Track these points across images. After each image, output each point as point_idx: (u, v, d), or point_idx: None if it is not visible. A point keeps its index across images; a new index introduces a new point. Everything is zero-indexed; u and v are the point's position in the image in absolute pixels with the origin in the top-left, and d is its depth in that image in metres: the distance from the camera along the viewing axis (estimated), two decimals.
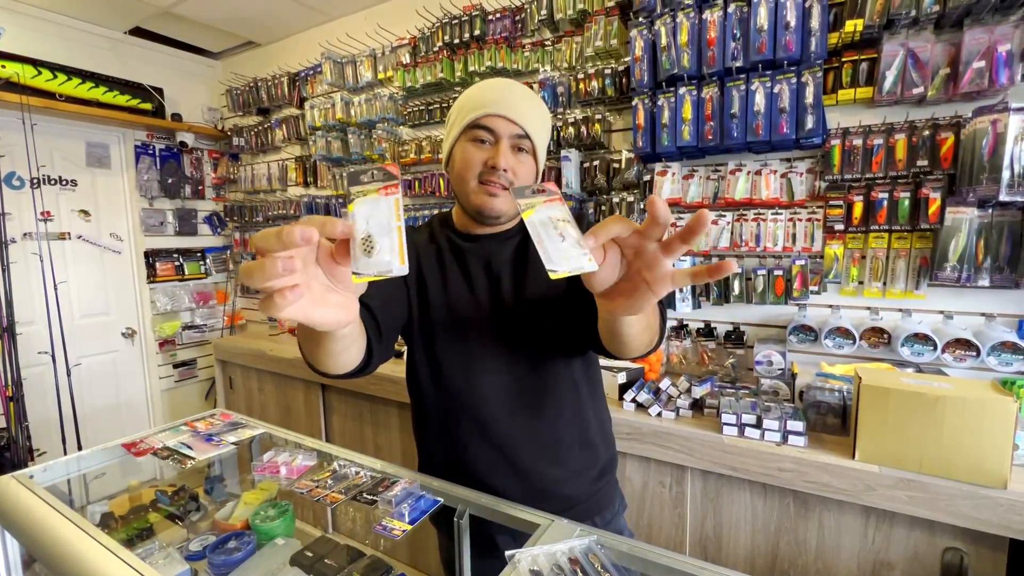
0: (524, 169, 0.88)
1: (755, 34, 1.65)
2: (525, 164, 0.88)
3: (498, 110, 0.84)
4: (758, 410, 1.50)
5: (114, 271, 3.26)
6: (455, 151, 0.90)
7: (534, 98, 0.90)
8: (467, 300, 0.94)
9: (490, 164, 0.85)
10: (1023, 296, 1.51)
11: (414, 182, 2.65)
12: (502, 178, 0.85)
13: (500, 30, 2.29)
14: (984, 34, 1.42)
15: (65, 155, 3.02)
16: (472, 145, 0.87)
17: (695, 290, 1.91)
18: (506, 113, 0.84)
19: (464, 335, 0.94)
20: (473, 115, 0.85)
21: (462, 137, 0.88)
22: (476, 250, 0.96)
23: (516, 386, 0.94)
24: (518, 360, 0.94)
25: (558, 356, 0.95)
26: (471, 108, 0.86)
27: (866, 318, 1.71)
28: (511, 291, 0.94)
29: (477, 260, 0.96)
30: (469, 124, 0.86)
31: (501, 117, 0.84)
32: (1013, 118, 1.34)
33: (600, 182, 2.07)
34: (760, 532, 1.51)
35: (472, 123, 0.86)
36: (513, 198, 0.56)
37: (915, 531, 1.30)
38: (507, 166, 0.84)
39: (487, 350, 0.93)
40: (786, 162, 1.78)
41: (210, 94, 3.69)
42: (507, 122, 0.84)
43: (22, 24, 2.75)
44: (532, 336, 0.93)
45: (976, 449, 1.18)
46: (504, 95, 0.86)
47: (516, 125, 0.85)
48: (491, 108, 0.84)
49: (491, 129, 0.85)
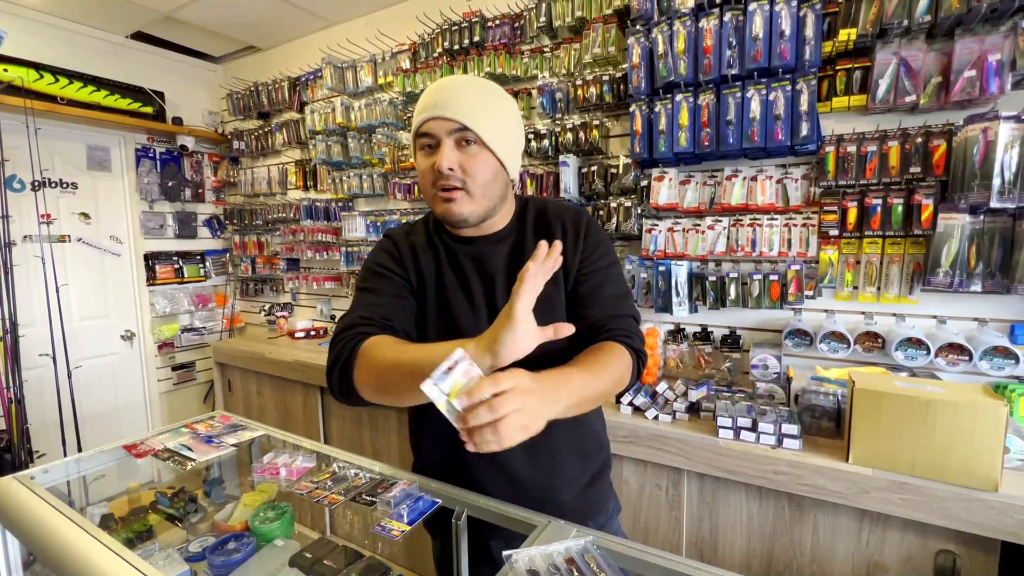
0: (475, 162, 0.85)
1: (751, 42, 1.67)
2: (476, 157, 0.85)
3: (434, 112, 0.83)
4: (754, 413, 1.52)
5: (113, 274, 3.27)
6: (416, 165, 0.90)
7: (479, 88, 0.87)
8: (462, 304, 0.94)
9: (436, 168, 0.84)
10: (1015, 301, 1.53)
11: (413, 186, 2.67)
12: (452, 179, 0.84)
13: (499, 36, 2.31)
14: (975, 44, 1.44)
15: (66, 158, 3.03)
16: (421, 155, 0.87)
17: (692, 295, 1.93)
18: (441, 113, 0.82)
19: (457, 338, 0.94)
20: (416, 124, 0.86)
21: (416, 150, 0.89)
22: (470, 252, 0.95)
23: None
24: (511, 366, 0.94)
25: (554, 362, 0.96)
26: (416, 118, 0.87)
27: (860, 322, 1.72)
28: (506, 295, 0.94)
29: (471, 263, 0.95)
30: (415, 134, 0.87)
31: (437, 119, 0.83)
32: (1003, 126, 1.36)
33: (598, 187, 2.09)
34: (756, 535, 1.52)
35: (417, 132, 0.86)
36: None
37: (908, 534, 1.32)
38: (451, 165, 0.83)
39: None
40: (781, 168, 1.80)
41: (211, 98, 3.71)
42: (443, 121, 0.83)
43: (25, 28, 2.77)
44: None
45: (967, 452, 1.19)
46: (441, 96, 0.84)
47: (452, 121, 0.82)
48: (428, 112, 0.84)
49: (430, 133, 0.84)
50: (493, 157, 0.87)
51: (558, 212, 0.98)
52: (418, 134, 0.86)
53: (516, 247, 0.95)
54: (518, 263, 0.94)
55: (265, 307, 3.47)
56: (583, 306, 0.93)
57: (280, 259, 3.38)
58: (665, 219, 2.00)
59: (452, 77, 0.89)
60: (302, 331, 3.12)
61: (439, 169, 0.83)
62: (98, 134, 3.16)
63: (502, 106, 0.89)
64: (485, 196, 0.88)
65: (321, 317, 3.30)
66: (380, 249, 0.99)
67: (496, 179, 0.88)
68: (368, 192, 2.88)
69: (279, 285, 3.54)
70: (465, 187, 0.85)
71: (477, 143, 0.84)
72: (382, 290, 0.92)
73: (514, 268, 0.94)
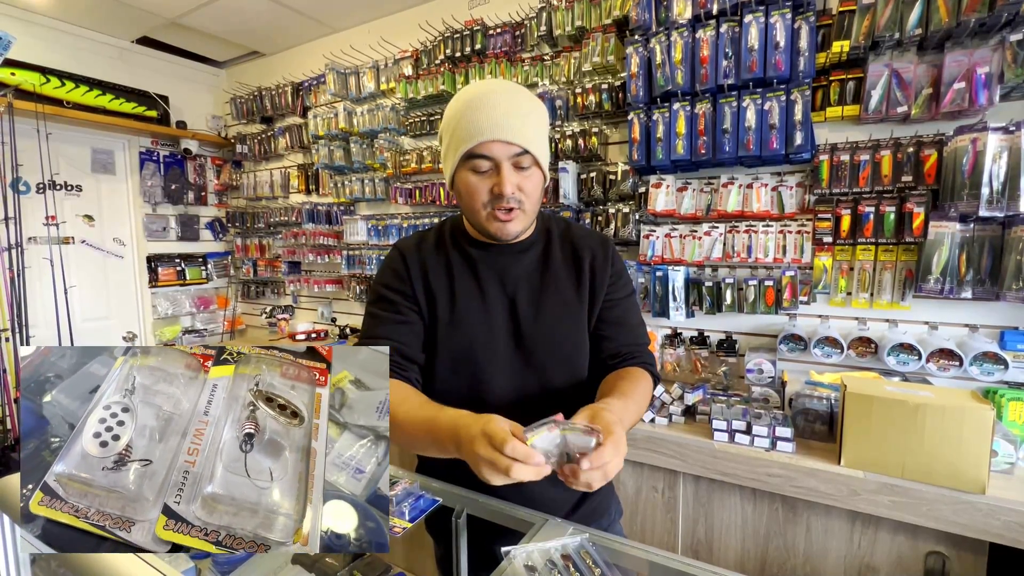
0: (530, 184, 0.86)
1: (746, 53, 1.71)
2: (531, 179, 0.86)
3: (493, 135, 0.81)
4: (748, 417, 1.55)
5: (116, 276, 3.30)
6: (457, 180, 0.88)
7: (524, 102, 0.86)
8: (477, 313, 0.93)
9: (496, 192, 0.84)
10: (1005, 308, 1.56)
11: (415, 191, 2.70)
12: (511, 201, 0.85)
13: (500, 45, 2.35)
14: (964, 57, 1.48)
15: (71, 161, 3.07)
16: (474, 176, 0.85)
17: (688, 300, 1.96)
18: (501, 136, 0.81)
19: (471, 350, 0.92)
20: (469, 145, 0.83)
21: (462, 166, 0.86)
22: (489, 261, 0.95)
23: (522, 405, 0.93)
24: (527, 379, 0.93)
25: (571, 378, 0.96)
26: (466, 136, 0.83)
27: (854, 328, 1.76)
28: (528, 310, 0.93)
29: (491, 273, 0.94)
30: (467, 154, 0.84)
31: (497, 142, 0.82)
32: (991, 137, 1.39)
33: (597, 193, 2.13)
34: (750, 536, 1.54)
35: (470, 153, 0.84)
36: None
37: (899, 535, 1.34)
38: (512, 190, 0.84)
39: (496, 367, 0.92)
40: (777, 176, 1.84)
41: (215, 102, 3.74)
42: (504, 145, 0.82)
43: (32, 33, 2.81)
44: (546, 361, 0.93)
45: (955, 455, 1.22)
46: (497, 117, 0.82)
47: (513, 145, 0.82)
48: (486, 135, 0.82)
49: (489, 156, 0.83)
50: (542, 173, 0.89)
51: (583, 236, 1.00)
52: (471, 155, 0.84)
53: (542, 259, 0.97)
54: (544, 273, 0.95)
55: (266, 309, 3.49)
56: (609, 331, 0.97)
57: (281, 262, 3.41)
58: (662, 225, 2.03)
59: (493, 89, 0.86)
60: (303, 333, 3.15)
61: (501, 193, 0.83)
62: (103, 137, 3.20)
63: (543, 117, 0.90)
64: (534, 210, 0.91)
65: (322, 320, 3.33)
66: (387, 267, 0.98)
67: (542, 192, 0.92)
68: (370, 196, 2.92)
69: (280, 288, 3.57)
70: (521, 207, 0.87)
71: (532, 164, 0.86)
72: (387, 317, 0.93)
73: (536, 282, 0.95)
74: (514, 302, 0.94)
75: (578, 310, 0.95)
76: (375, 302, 0.96)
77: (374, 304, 0.96)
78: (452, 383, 0.94)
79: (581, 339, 0.96)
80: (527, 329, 0.93)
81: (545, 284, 0.95)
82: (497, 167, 0.84)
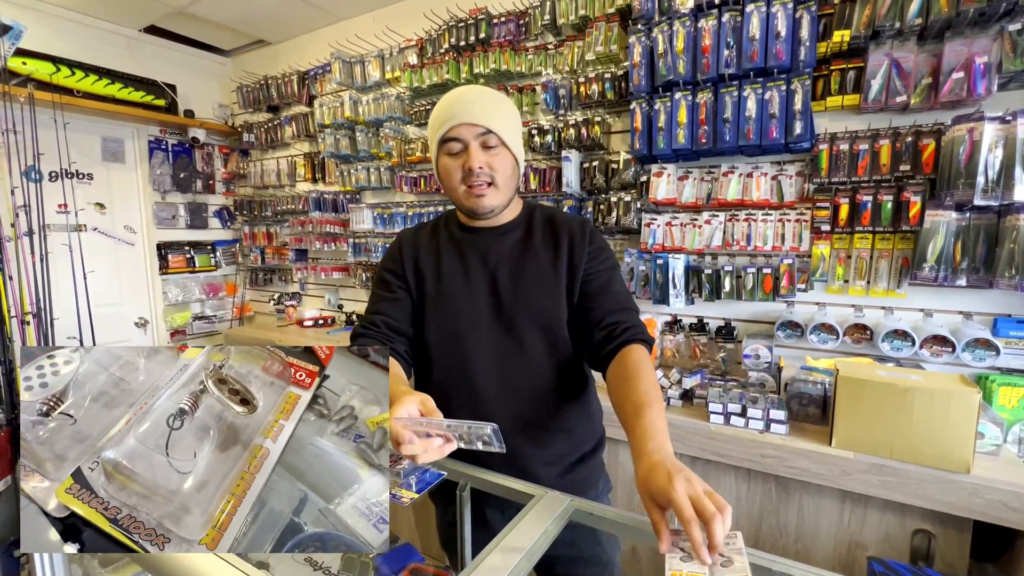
0: (498, 161, 0.97)
1: (747, 43, 1.72)
2: (498, 157, 0.97)
3: (461, 119, 0.94)
4: (744, 401, 1.59)
5: (128, 262, 3.36)
6: (439, 166, 1.01)
7: (494, 96, 0.99)
8: (461, 288, 1.03)
9: (467, 168, 0.95)
10: (998, 296, 1.59)
11: (419, 179, 2.74)
12: (482, 176, 0.95)
13: (504, 34, 2.37)
14: (963, 46, 1.49)
15: (82, 149, 3.11)
16: (448, 158, 0.98)
17: (688, 287, 2.00)
18: (467, 119, 0.94)
19: (456, 322, 1.02)
20: (442, 131, 0.96)
21: (440, 153, 0.99)
22: (474, 241, 1.05)
23: (505, 373, 1.01)
24: (509, 348, 1.01)
25: (550, 347, 1.02)
26: (439, 124, 0.97)
27: (850, 315, 1.79)
28: (508, 284, 1.01)
29: (474, 252, 1.04)
30: (441, 139, 0.97)
31: (464, 124, 0.94)
32: (988, 127, 1.41)
33: (599, 182, 2.15)
34: (744, 515, 1.59)
35: (443, 138, 0.97)
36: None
37: (887, 513, 1.39)
38: (481, 164, 0.95)
39: (479, 337, 1.01)
40: (776, 165, 1.86)
41: (221, 91, 3.77)
42: (469, 127, 0.94)
43: (42, 22, 2.84)
44: (525, 331, 1.01)
45: (942, 437, 1.26)
46: (463, 104, 0.95)
47: (477, 126, 0.94)
48: (455, 119, 0.94)
49: (458, 138, 0.95)
50: (510, 154, 0.99)
51: (564, 219, 1.07)
52: (444, 140, 0.97)
53: (524, 239, 1.05)
54: (524, 252, 1.03)
55: (274, 296, 3.55)
56: (593, 301, 1.01)
57: (289, 250, 3.47)
58: (663, 214, 2.06)
59: (464, 88, 1.00)
60: (311, 320, 3.21)
61: (470, 168, 0.94)
62: (112, 126, 3.24)
63: (511, 110, 1.01)
64: (507, 188, 1.00)
65: (329, 306, 3.38)
66: (387, 252, 1.13)
67: (514, 173, 1.01)
68: (375, 185, 2.95)
69: (288, 275, 3.63)
70: (493, 182, 0.97)
71: (499, 144, 0.96)
72: (380, 295, 1.08)
73: (517, 261, 1.03)
74: (495, 277, 1.02)
75: (555, 283, 1.01)
76: (375, 284, 1.11)
77: (375, 285, 1.11)
78: (441, 354, 1.05)
79: (558, 310, 1.01)
80: (507, 301, 1.01)
81: (525, 261, 1.02)
82: (466, 147, 0.95)
